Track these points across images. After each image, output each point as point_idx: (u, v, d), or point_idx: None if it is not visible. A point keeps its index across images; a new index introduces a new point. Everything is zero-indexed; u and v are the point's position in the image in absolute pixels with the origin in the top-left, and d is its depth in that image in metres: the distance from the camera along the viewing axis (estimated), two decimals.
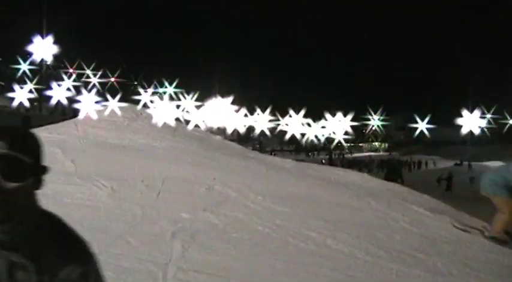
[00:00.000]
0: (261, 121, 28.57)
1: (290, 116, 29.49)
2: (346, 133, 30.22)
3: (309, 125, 31.08)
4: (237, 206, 9.46)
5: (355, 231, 8.87)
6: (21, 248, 2.07)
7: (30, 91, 31.79)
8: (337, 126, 29.89)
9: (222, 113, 27.92)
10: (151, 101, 25.67)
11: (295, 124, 29.61)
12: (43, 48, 35.41)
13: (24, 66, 36.36)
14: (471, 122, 20.64)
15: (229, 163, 13.14)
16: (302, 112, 29.44)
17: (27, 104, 31.38)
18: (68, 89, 29.54)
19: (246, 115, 30.14)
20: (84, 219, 7.90)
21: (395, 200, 11.97)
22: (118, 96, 21.28)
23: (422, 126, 24.32)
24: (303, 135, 31.59)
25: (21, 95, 29.92)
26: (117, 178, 10.29)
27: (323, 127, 32.06)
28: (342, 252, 7.83)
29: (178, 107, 26.04)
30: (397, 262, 7.65)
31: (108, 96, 21.28)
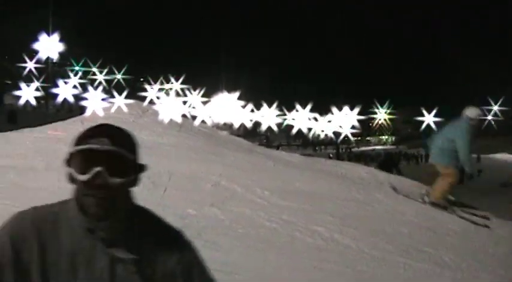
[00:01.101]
0: (268, 116, 28.41)
1: (297, 111, 29.36)
2: (353, 127, 30.06)
3: (315, 119, 30.96)
4: (243, 202, 9.42)
5: (362, 226, 8.86)
6: (121, 243, 2.15)
7: (37, 89, 31.70)
8: (343, 120, 29.78)
9: (228, 108, 27.85)
10: (158, 97, 25.63)
11: (301, 119, 29.49)
12: (49, 46, 35.36)
13: (30, 65, 36.26)
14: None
15: (236, 158, 13.09)
16: (309, 106, 29.32)
17: (33, 102, 31.33)
18: (74, 87, 29.45)
19: (252, 110, 30.02)
20: None
21: (402, 193, 11.94)
22: (124, 93, 21.21)
23: (429, 119, 24.17)
24: (309, 129, 31.47)
25: (28, 93, 29.87)
26: None
27: (329, 121, 31.92)
28: (349, 247, 7.82)
29: (184, 103, 25.96)
30: (404, 256, 7.64)
31: (115, 93, 21.24)
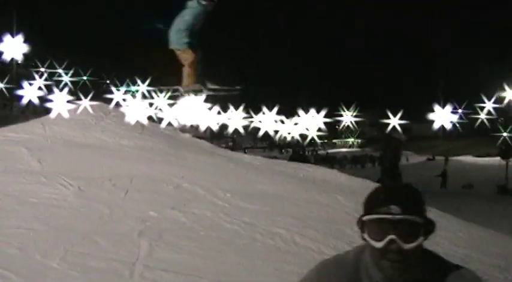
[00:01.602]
0: (235, 118, 28.28)
1: (263, 113, 29.28)
2: (319, 130, 30.06)
3: (282, 121, 30.90)
4: (204, 204, 9.40)
5: (323, 228, 8.89)
6: None
7: (1, 91, 31.35)
8: (310, 122, 29.77)
9: (195, 110, 27.66)
10: (124, 100, 25.35)
11: (268, 121, 29.43)
12: (13, 47, 34.96)
13: None
14: (443, 117, 20.62)
15: (198, 161, 13.04)
16: (275, 109, 29.27)
17: None
18: (40, 88, 29.14)
19: (219, 113, 29.85)
20: (50, 219, 7.84)
21: (364, 195, 12.00)
22: (90, 95, 20.98)
23: (394, 122, 24.20)
24: (276, 132, 31.41)
25: None
26: (84, 177, 10.17)
27: (296, 124, 31.87)
28: (309, 249, 7.85)
29: (151, 105, 25.73)
30: None
31: (81, 95, 20.99)
